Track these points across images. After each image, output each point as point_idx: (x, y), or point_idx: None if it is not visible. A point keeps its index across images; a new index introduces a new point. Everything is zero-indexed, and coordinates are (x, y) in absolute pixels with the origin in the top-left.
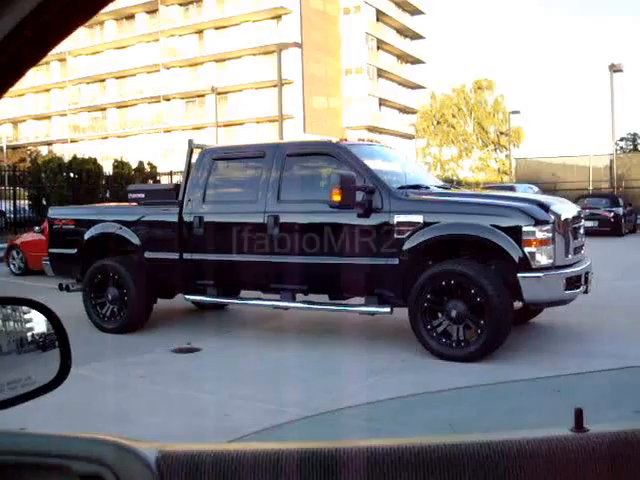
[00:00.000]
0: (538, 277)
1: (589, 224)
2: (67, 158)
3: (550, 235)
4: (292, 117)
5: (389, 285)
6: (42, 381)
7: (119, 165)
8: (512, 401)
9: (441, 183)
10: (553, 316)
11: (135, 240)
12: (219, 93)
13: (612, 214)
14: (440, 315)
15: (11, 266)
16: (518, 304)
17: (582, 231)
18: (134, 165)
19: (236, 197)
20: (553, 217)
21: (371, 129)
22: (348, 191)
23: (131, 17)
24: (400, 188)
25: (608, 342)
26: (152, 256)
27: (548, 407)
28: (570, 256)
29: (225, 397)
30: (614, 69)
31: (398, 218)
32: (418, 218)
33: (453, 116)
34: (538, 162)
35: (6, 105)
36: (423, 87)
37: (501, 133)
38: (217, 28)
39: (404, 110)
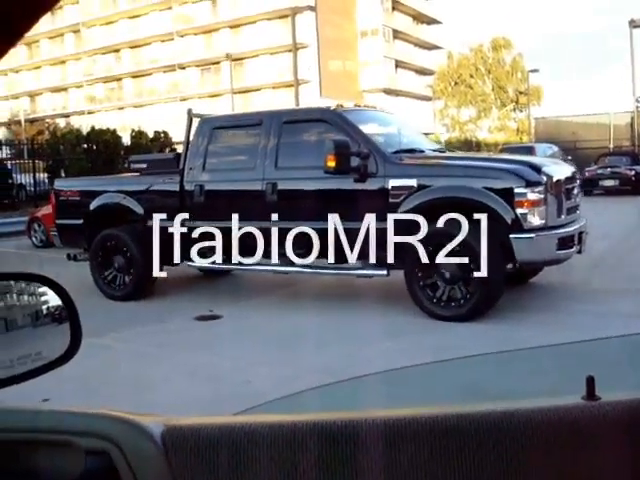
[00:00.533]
0: (530, 238)
1: (610, 183)
2: (85, 129)
3: (542, 196)
4: (308, 82)
5: (383, 248)
6: (52, 356)
7: (137, 135)
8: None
9: (437, 146)
10: (561, 274)
11: (138, 209)
12: (234, 59)
13: (633, 172)
14: (434, 276)
15: (33, 239)
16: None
17: (576, 191)
18: (151, 135)
19: (235, 165)
20: (545, 178)
21: (388, 91)
22: (342, 157)
23: None
24: (395, 152)
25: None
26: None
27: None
28: (563, 216)
29: (246, 363)
30: (634, 25)
31: (393, 182)
32: (412, 182)
33: (471, 76)
34: (558, 121)
35: (23, 78)
36: (440, 47)
37: (520, 92)
38: None
39: (421, 72)
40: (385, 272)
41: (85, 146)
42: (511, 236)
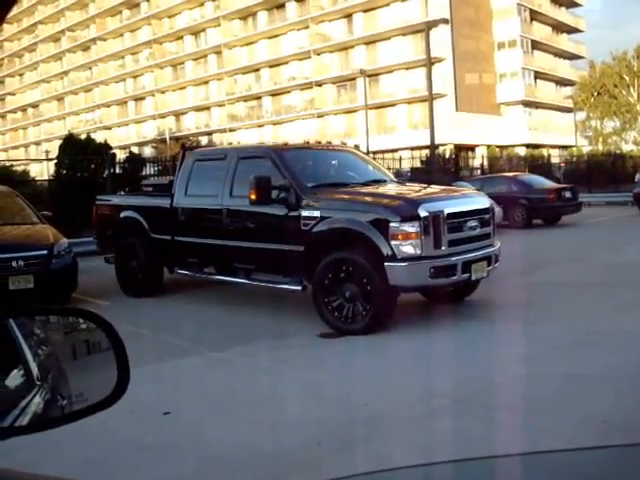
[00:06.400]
0: (402, 266)
1: None
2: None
3: (416, 230)
4: (443, 95)
5: (299, 268)
6: (94, 398)
7: None
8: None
9: (389, 178)
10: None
11: (145, 223)
12: (369, 75)
13: None
14: (336, 295)
15: None
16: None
17: (476, 224)
18: None
19: (206, 191)
20: (426, 213)
21: (526, 103)
22: (262, 191)
23: (281, 6)
24: (315, 187)
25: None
26: (155, 237)
27: None
28: (444, 248)
29: (365, 385)
30: None
31: (304, 212)
32: (317, 213)
33: (615, 86)
34: None
35: (169, 99)
36: (581, 57)
37: None
38: (365, 11)
39: (561, 82)
40: (299, 288)
41: None
42: (385, 264)
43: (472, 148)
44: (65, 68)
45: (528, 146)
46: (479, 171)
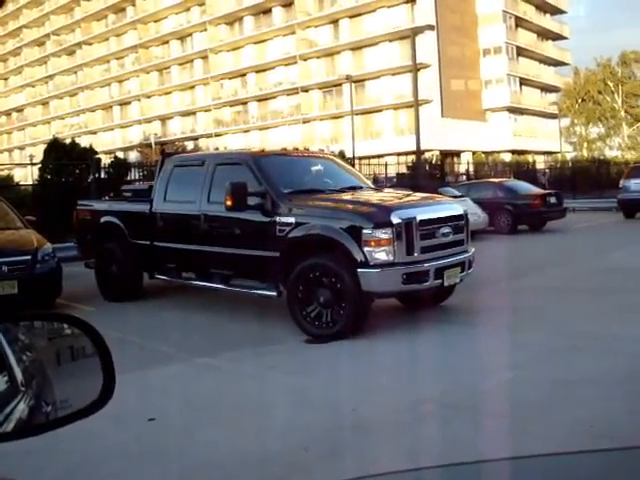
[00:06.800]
0: (375, 272)
1: None
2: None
3: (389, 236)
4: (429, 101)
5: (274, 273)
6: (80, 404)
7: None
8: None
9: (366, 184)
10: None
11: (124, 228)
12: (355, 81)
13: None
14: (311, 300)
15: None
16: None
17: (449, 230)
18: None
19: (184, 197)
20: (399, 220)
21: (512, 110)
22: (238, 197)
23: (268, 11)
24: (292, 193)
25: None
26: (134, 242)
27: None
28: (416, 254)
29: (354, 390)
30: None
31: (279, 219)
32: (291, 220)
33: (599, 92)
34: None
35: (155, 103)
36: (566, 64)
37: None
38: (351, 17)
39: (546, 89)
40: (275, 293)
41: None
42: (358, 270)
43: (458, 154)
44: (50, 72)
45: (513, 152)
46: (465, 177)
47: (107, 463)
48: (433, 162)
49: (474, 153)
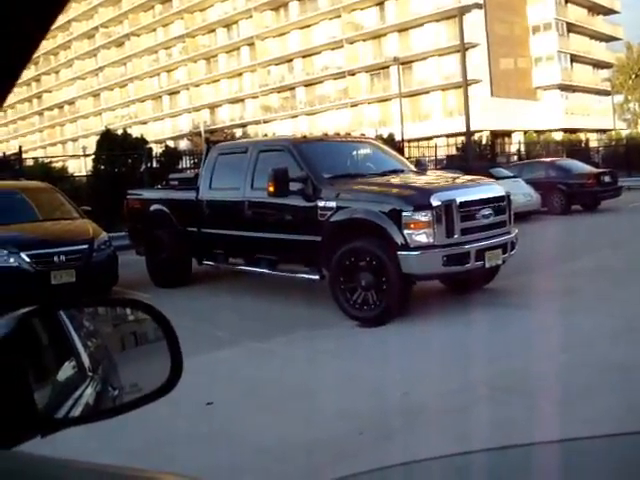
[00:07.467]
0: (415, 255)
1: None
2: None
3: (429, 219)
4: (478, 81)
5: (316, 257)
6: (149, 388)
7: None
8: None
9: (409, 168)
10: None
11: (172, 216)
12: (402, 63)
13: None
14: (352, 283)
15: None
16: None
17: (490, 212)
18: None
19: (229, 184)
20: (438, 202)
21: (563, 87)
22: (280, 183)
23: None
24: (333, 178)
25: None
26: (182, 229)
27: None
28: (456, 236)
29: (406, 374)
30: None
31: (320, 203)
32: (333, 204)
33: None
34: None
35: (203, 92)
36: (618, 39)
37: None
38: None
39: (598, 65)
40: (318, 277)
41: None
42: (398, 253)
43: (508, 134)
44: (100, 64)
45: (565, 131)
46: (516, 157)
47: (167, 446)
48: (483, 143)
49: (525, 133)
